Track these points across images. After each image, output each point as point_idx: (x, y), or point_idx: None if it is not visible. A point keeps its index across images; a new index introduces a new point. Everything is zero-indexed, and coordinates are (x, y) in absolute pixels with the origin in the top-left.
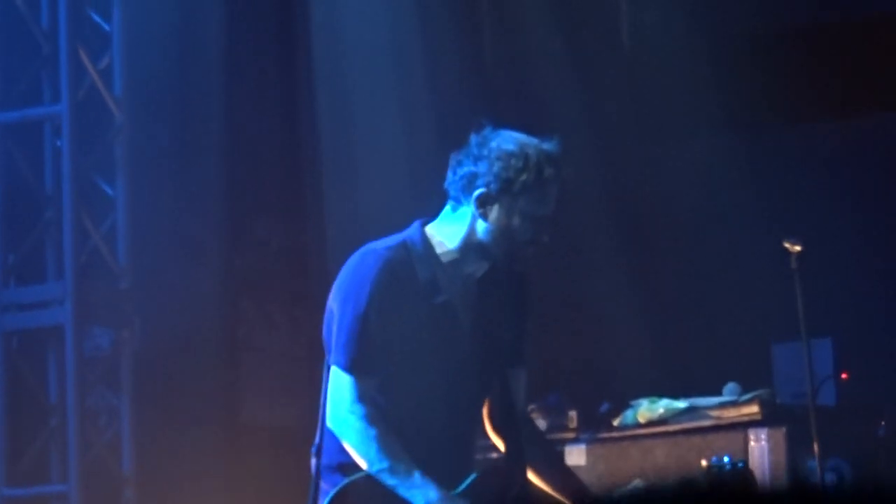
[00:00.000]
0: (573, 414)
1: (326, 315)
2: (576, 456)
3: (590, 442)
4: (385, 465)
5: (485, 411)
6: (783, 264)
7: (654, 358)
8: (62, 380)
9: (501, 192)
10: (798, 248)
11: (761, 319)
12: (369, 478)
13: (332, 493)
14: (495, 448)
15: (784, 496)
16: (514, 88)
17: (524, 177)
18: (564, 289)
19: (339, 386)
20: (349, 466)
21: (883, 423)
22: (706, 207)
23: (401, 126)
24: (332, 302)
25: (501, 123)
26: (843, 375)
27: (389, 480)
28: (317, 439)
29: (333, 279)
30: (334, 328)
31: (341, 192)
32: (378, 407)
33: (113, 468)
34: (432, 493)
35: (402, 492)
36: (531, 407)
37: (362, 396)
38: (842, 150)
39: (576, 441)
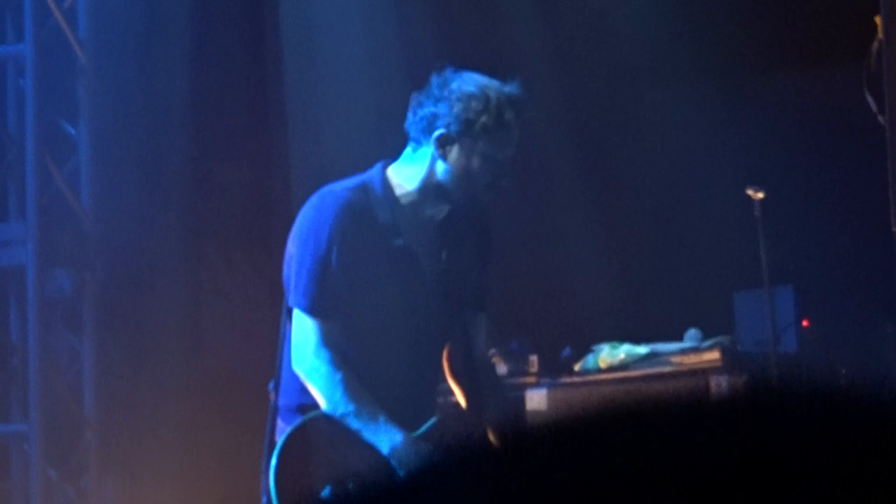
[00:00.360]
0: (534, 359)
1: (286, 257)
2: (536, 401)
3: (550, 387)
4: (350, 408)
5: (444, 356)
6: (746, 212)
7: (617, 304)
8: (24, 321)
9: (461, 134)
10: (760, 195)
11: (724, 267)
12: (327, 417)
13: (288, 431)
14: (454, 394)
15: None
16: (482, 32)
17: (484, 118)
18: (528, 234)
19: (303, 329)
20: (308, 407)
21: (843, 370)
22: (671, 154)
23: (367, 69)
24: (291, 244)
25: (468, 67)
26: (805, 323)
27: (354, 423)
28: (275, 379)
29: (291, 224)
30: (293, 270)
31: (306, 136)
32: (342, 351)
33: (74, 409)
34: (398, 436)
35: (367, 435)
36: (492, 352)
37: (327, 340)
38: (807, 100)
39: (537, 386)
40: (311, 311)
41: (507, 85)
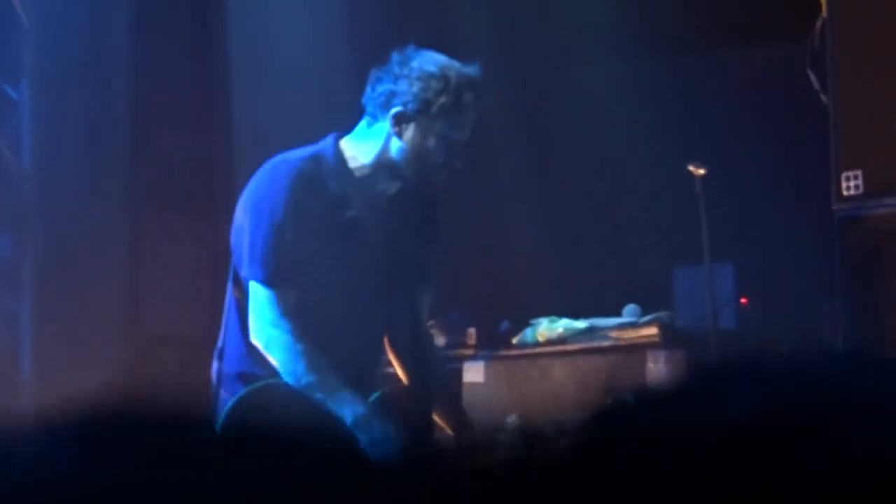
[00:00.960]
0: (472, 331)
1: (234, 225)
2: (474, 373)
3: (488, 359)
4: (312, 378)
5: (387, 329)
6: (687, 188)
7: (556, 279)
8: None
9: (418, 113)
10: (702, 171)
11: (664, 243)
12: (270, 387)
13: (231, 402)
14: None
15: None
16: (427, 8)
17: (443, 99)
18: (469, 207)
19: (260, 300)
20: (250, 376)
21: (781, 347)
22: (612, 130)
23: (312, 40)
24: (243, 213)
25: (410, 42)
26: (743, 300)
27: (317, 394)
28: (219, 345)
29: (239, 192)
30: (247, 240)
31: (249, 105)
32: (300, 321)
33: (11, 374)
34: (360, 408)
35: (331, 405)
36: (431, 323)
37: (285, 310)
38: (748, 77)
39: (474, 358)
40: (268, 281)
41: (468, 66)
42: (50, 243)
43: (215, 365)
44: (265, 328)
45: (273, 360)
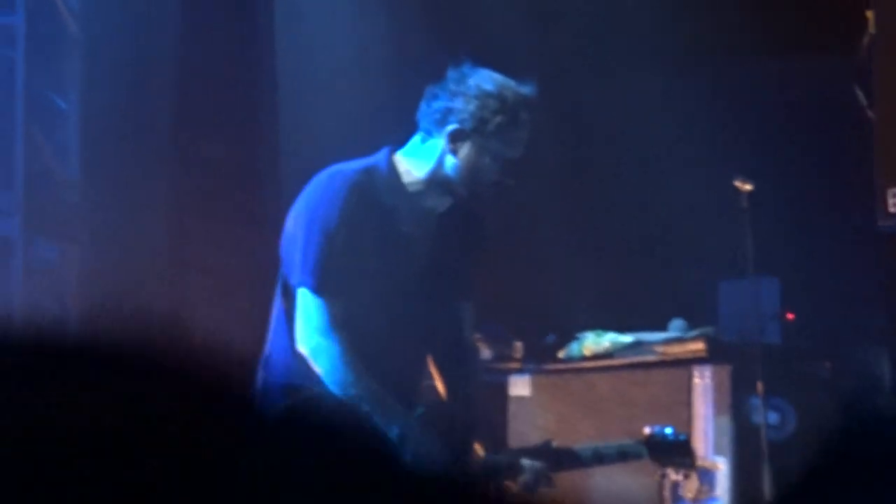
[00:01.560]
0: (518, 344)
1: (286, 234)
2: (520, 386)
3: (534, 373)
4: (360, 390)
5: (431, 343)
6: (733, 202)
7: (602, 292)
8: (8, 291)
9: (474, 131)
10: (748, 187)
11: (710, 257)
12: (314, 399)
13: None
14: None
15: None
16: (468, 21)
17: (499, 118)
18: (515, 220)
19: (310, 308)
20: (294, 387)
21: (827, 364)
22: (658, 143)
23: (357, 50)
24: (295, 221)
25: (456, 57)
26: (789, 316)
27: (363, 405)
28: (264, 354)
29: (285, 202)
30: (299, 248)
31: (296, 114)
32: (349, 331)
33: None
34: (407, 422)
35: (377, 417)
36: (476, 336)
37: (334, 320)
38: (795, 91)
39: (520, 372)
40: (318, 289)
41: (523, 85)
42: (95, 252)
43: (260, 373)
44: (313, 336)
45: (319, 368)
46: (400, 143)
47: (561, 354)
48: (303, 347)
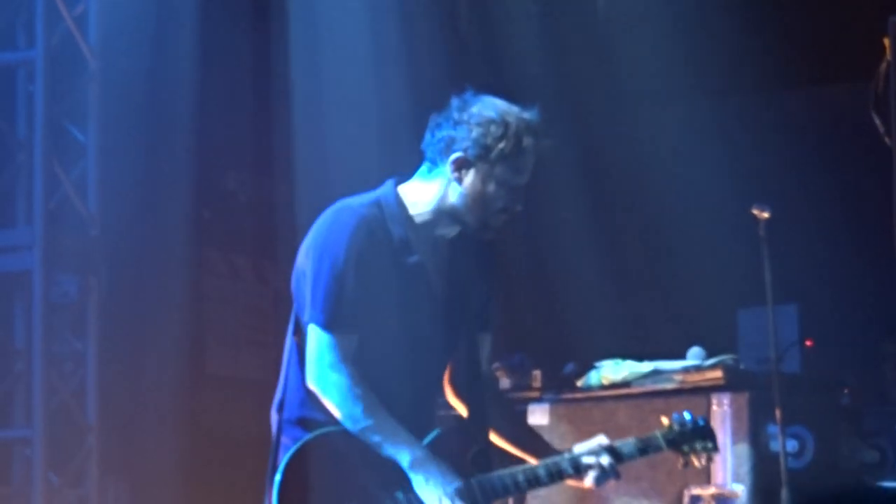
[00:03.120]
0: (537, 373)
1: (296, 270)
2: (539, 415)
3: (553, 402)
4: (371, 422)
5: (447, 373)
6: (750, 230)
7: (620, 321)
8: (29, 325)
9: (478, 159)
10: (766, 214)
11: (727, 284)
12: (332, 434)
13: (293, 448)
14: (453, 409)
15: None
16: (487, 52)
17: (503, 145)
18: (532, 250)
19: (320, 344)
20: (310, 421)
21: (846, 391)
22: (674, 172)
23: (372, 85)
24: (306, 257)
25: (475, 87)
26: (808, 343)
27: (374, 437)
28: (279, 394)
29: (301, 233)
30: (309, 285)
31: (311, 149)
32: (359, 366)
33: (77, 415)
34: (419, 451)
35: (388, 448)
36: (496, 365)
37: (345, 355)
38: (811, 118)
39: (539, 401)
40: (328, 326)
41: (527, 111)
42: (115, 285)
43: (275, 417)
44: (324, 372)
45: (330, 403)
46: (408, 174)
47: (579, 383)
48: (313, 383)
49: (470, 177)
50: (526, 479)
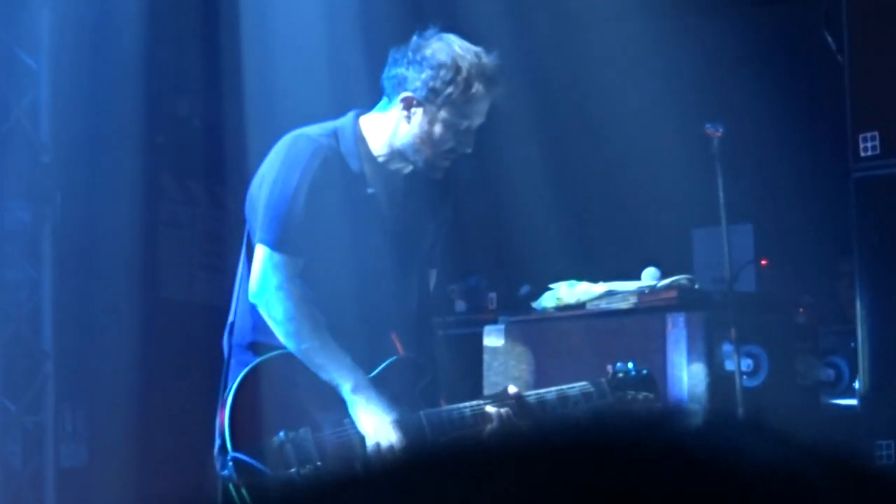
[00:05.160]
0: (493, 296)
1: (250, 195)
2: (494, 337)
3: (508, 324)
4: (314, 343)
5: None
6: (704, 150)
7: (575, 242)
8: None
9: (426, 100)
10: (719, 134)
11: (682, 205)
12: (282, 357)
13: (243, 372)
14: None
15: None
16: None
17: (450, 90)
18: (486, 172)
19: (266, 263)
20: (261, 346)
21: (801, 310)
22: (626, 92)
23: (323, 11)
24: (259, 182)
25: (429, 19)
26: (763, 262)
27: (317, 359)
28: (230, 319)
29: (252, 160)
30: (261, 207)
31: (260, 75)
32: (305, 288)
33: (32, 342)
34: (361, 378)
35: (330, 371)
36: (451, 288)
37: (291, 275)
38: (764, 37)
39: (494, 322)
40: (276, 245)
41: (486, 56)
42: (68, 211)
43: (226, 340)
44: (268, 290)
45: (272, 321)
46: (368, 106)
47: (535, 305)
48: (256, 300)
49: (418, 117)
50: (473, 415)
